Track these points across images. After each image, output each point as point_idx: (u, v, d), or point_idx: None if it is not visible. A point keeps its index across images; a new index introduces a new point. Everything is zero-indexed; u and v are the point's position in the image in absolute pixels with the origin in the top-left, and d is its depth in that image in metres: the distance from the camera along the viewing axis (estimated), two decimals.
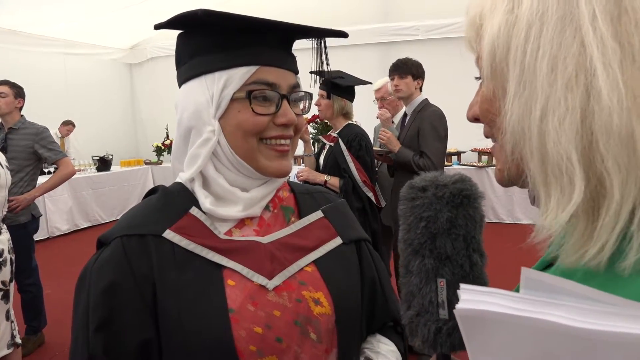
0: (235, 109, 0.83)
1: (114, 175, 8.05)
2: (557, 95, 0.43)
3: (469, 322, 0.42)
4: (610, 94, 0.40)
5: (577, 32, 0.43)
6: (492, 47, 0.49)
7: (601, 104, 0.41)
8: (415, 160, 3.07)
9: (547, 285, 0.39)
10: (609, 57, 0.41)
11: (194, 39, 0.86)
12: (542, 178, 0.45)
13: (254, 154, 0.84)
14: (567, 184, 0.43)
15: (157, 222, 0.84)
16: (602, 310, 0.36)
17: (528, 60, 0.45)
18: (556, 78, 0.43)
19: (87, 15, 7.49)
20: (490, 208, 6.92)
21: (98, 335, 0.77)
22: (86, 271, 0.82)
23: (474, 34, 0.54)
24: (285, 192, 0.97)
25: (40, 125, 3.62)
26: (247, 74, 0.82)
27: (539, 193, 0.47)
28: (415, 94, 3.24)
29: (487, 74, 0.51)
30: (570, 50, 0.43)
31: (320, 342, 0.85)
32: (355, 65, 4.72)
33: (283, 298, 0.83)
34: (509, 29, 0.47)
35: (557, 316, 0.37)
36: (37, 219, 3.60)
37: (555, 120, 0.43)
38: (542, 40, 0.44)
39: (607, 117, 0.40)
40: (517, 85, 0.46)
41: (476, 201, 0.63)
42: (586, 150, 0.42)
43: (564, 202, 0.43)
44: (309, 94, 0.91)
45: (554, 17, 0.44)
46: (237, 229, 0.88)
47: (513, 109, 0.47)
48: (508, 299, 0.40)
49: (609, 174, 0.41)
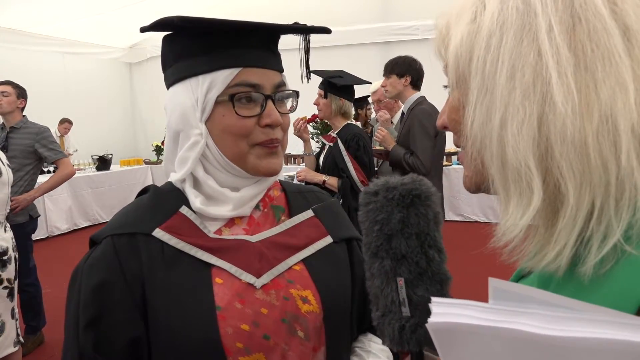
0: (220, 113, 0.83)
1: (113, 175, 8.05)
2: (515, 103, 0.44)
3: (442, 336, 0.42)
4: (564, 101, 0.42)
5: (534, 42, 0.44)
6: (455, 56, 0.51)
7: (556, 112, 0.42)
8: (406, 158, 3.08)
9: (515, 294, 0.39)
10: (564, 66, 0.43)
11: (177, 42, 0.86)
12: (502, 183, 0.47)
13: (243, 156, 0.85)
14: (525, 189, 0.45)
15: (147, 221, 0.85)
16: (570, 317, 0.36)
17: (488, 69, 0.47)
18: (514, 86, 0.45)
19: (87, 15, 7.49)
20: (489, 207, 6.93)
21: (88, 332, 0.78)
22: (78, 269, 0.83)
23: (441, 42, 0.56)
24: (277, 191, 0.98)
25: (41, 125, 3.63)
26: (230, 77, 0.82)
27: (499, 198, 0.48)
28: (405, 91, 3.20)
29: (453, 82, 0.53)
30: (527, 59, 0.44)
31: (308, 340, 0.85)
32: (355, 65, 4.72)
33: (271, 296, 0.84)
34: (471, 38, 0.49)
35: (525, 324, 0.37)
36: (35, 220, 3.60)
37: (513, 127, 0.44)
38: (502, 50, 0.46)
39: (562, 125, 0.42)
40: (478, 94, 0.48)
41: (428, 199, 0.64)
42: (543, 157, 0.44)
43: (523, 206, 0.45)
44: (295, 92, 0.91)
45: (513, 27, 0.46)
46: (227, 227, 0.89)
47: (474, 117, 0.49)
48: (477, 309, 0.40)
49: (564, 179, 0.42)
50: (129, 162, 8.88)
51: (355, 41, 8.04)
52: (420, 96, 3.20)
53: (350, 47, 8.01)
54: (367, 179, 3.01)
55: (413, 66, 3.21)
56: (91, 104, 9.24)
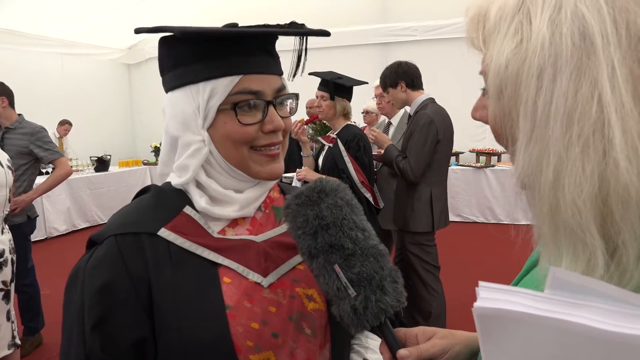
0: (222, 120, 0.84)
1: (112, 176, 8.03)
2: (572, 159, 0.39)
3: (487, 321, 0.40)
4: (628, 166, 0.38)
5: (595, 88, 0.38)
6: (499, 84, 0.46)
7: (618, 177, 0.38)
8: (397, 161, 3.07)
9: (575, 285, 0.37)
10: (628, 121, 0.38)
11: (176, 48, 0.86)
12: (551, 235, 0.43)
13: (245, 161, 0.86)
14: (581, 251, 0.41)
15: (150, 221, 0.84)
16: (631, 313, 0.34)
17: (540, 115, 0.41)
18: (571, 141, 0.39)
19: (85, 16, 7.48)
20: (488, 209, 6.94)
21: (95, 334, 0.78)
22: (78, 270, 0.82)
23: (478, 36, 0.50)
24: (276, 192, 0.99)
25: (37, 125, 3.56)
26: (231, 84, 0.82)
27: (546, 245, 0.44)
28: (408, 96, 3.17)
29: (494, 99, 0.48)
30: (586, 109, 0.39)
31: (315, 337, 0.86)
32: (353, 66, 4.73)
33: (278, 295, 0.85)
34: (518, 69, 0.43)
35: (583, 317, 0.35)
36: (34, 220, 3.58)
37: (572, 187, 0.40)
38: (556, 94, 0.40)
39: (624, 190, 0.38)
40: (528, 140, 0.43)
41: (335, 191, 0.71)
42: (603, 220, 0.39)
43: (579, 267, 0.41)
44: (295, 94, 0.92)
45: (568, 65, 0.40)
46: (230, 228, 0.89)
47: (522, 162, 0.44)
48: (531, 298, 0.38)
49: (625, 246, 0.39)
50: (128, 163, 8.86)
51: (354, 42, 8.05)
52: (426, 98, 3.15)
53: (349, 48, 8.01)
54: (367, 179, 3.02)
55: (400, 70, 3.16)
56: (89, 105, 9.22)
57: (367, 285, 0.67)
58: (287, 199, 0.69)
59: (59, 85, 8.73)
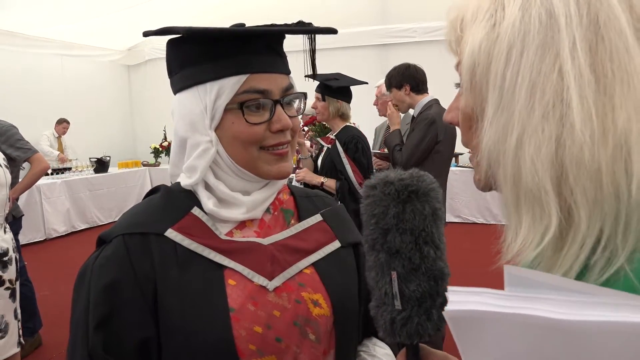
0: (230, 120, 0.84)
1: (111, 177, 8.03)
2: (534, 124, 0.43)
3: (459, 323, 0.42)
4: (583, 128, 0.41)
5: (557, 60, 0.43)
6: (472, 63, 0.49)
7: (574, 137, 0.41)
8: (394, 150, 3.09)
9: (531, 281, 0.39)
10: (585, 88, 0.41)
11: (183, 49, 0.86)
12: (513, 203, 0.46)
13: (254, 162, 0.85)
14: (539, 213, 0.44)
15: (159, 221, 0.84)
16: (586, 301, 0.36)
17: (507, 85, 0.45)
18: (534, 106, 0.43)
19: (85, 17, 7.48)
20: (487, 209, 6.94)
21: (98, 332, 0.78)
22: (86, 268, 0.82)
23: (454, 38, 0.55)
24: (285, 194, 0.99)
25: (5, 123, 3.38)
26: (238, 84, 0.82)
27: (509, 215, 0.47)
28: (411, 99, 3.17)
29: (467, 87, 0.52)
30: (548, 78, 0.43)
31: (319, 343, 0.86)
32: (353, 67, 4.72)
33: (283, 299, 0.84)
34: (489, 47, 0.48)
35: (544, 310, 0.37)
36: (19, 219, 3.51)
37: (531, 148, 0.43)
38: (522, 65, 0.44)
39: (579, 151, 0.41)
40: (495, 110, 0.47)
41: (426, 195, 0.65)
42: (558, 181, 0.43)
43: (540, 231, 0.44)
44: (302, 93, 0.92)
45: (535, 40, 0.44)
46: (238, 230, 0.89)
47: (489, 133, 0.47)
48: (494, 297, 0.40)
49: (577, 206, 0.42)
50: (127, 165, 8.86)
51: (353, 43, 8.05)
52: (429, 100, 3.14)
53: (348, 50, 8.01)
54: (365, 180, 3.01)
55: (408, 73, 3.15)
56: (89, 106, 9.21)
57: (415, 306, 0.63)
58: (377, 180, 0.64)
59: (59, 86, 8.73)
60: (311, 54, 0.93)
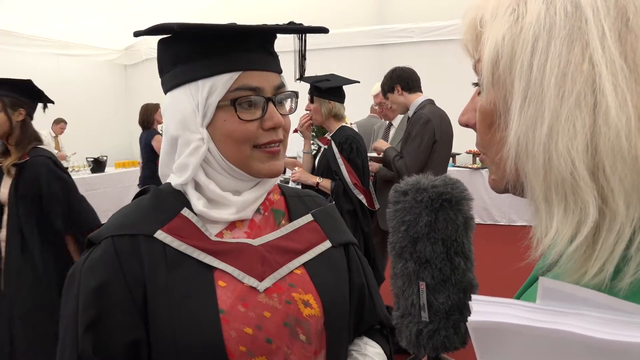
0: (222, 118, 0.83)
1: (108, 177, 8.00)
2: (566, 112, 0.42)
3: (483, 335, 0.41)
4: (619, 114, 0.40)
5: (586, 49, 0.42)
6: (494, 56, 0.48)
7: (609, 125, 0.40)
8: (395, 161, 3.09)
9: (566, 294, 0.38)
10: (618, 76, 0.41)
11: (174, 47, 0.86)
12: (543, 196, 0.45)
13: (247, 160, 0.85)
14: (573, 203, 0.42)
15: (148, 222, 0.84)
16: (624, 320, 0.35)
17: (534, 75, 0.44)
18: (565, 95, 0.42)
19: (81, 17, 7.46)
20: (484, 209, 6.94)
21: (87, 334, 0.77)
22: (75, 271, 0.82)
23: (473, 38, 0.53)
24: (276, 195, 0.98)
25: None
26: (230, 81, 0.82)
27: (538, 208, 0.46)
28: (406, 99, 3.19)
29: (488, 82, 0.50)
30: (579, 67, 0.42)
31: (310, 344, 0.86)
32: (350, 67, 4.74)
33: (273, 300, 0.84)
34: (513, 39, 0.47)
35: (576, 326, 0.36)
36: None
37: (565, 138, 0.42)
38: (550, 55, 0.43)
39: (615, 139, 0.40)
40: (523, 101, 0.45)
41: (459, 204, 0.62)
42: (595, 171, 0.41)
43: (574, 223, 0.42)
44: (294, 92, 0.91)
45: (562, 31, 0.43)
46: (228, 230, 0.89)
47: (517, 125, 0.46)
48: (524, 309, 0.39)
49: (614, 196, 0.40)
50: (124, 164, 8.83)
51: (350, 43, 8.05)
52: (424, 100, 3.16)
53: (345, 50, 8.01)
54: (360, 181, 3.01)
55: (394, 75, 3.19)
56: (86, 106, 9.18)
57: (443, 319, 0.62)
58: (408, 186, 0.61)
59: (55, 86, 8.59)
60: (300, 55, 0.93)
